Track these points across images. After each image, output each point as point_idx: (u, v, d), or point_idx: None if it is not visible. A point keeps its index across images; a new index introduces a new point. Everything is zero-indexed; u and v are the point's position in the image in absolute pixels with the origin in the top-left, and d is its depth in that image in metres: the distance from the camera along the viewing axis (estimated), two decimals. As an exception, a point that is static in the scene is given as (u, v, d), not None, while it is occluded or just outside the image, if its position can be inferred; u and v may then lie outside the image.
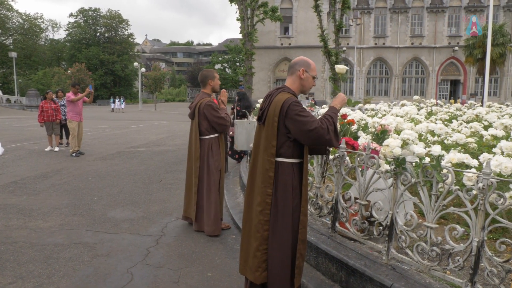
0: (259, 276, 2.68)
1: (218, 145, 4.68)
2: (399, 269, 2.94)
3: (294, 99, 2.62)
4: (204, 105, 4.58)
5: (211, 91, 4.77)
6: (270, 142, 2.64)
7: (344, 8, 28.23)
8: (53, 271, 3.60)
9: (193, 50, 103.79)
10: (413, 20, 44.85)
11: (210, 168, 4.60)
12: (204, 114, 4.57)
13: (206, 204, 4.61)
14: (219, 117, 4.55)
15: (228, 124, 4.69)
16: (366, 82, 46.36)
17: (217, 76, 4.77)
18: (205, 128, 4.62)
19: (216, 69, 66.72)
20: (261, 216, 2.66)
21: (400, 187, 2.98)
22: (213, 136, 4.66)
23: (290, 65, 2.82)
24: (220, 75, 65.67)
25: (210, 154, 4.62)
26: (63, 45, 68.58)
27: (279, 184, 2.64)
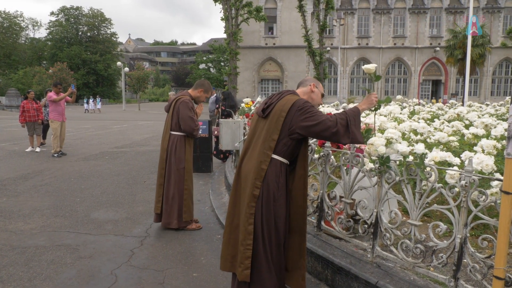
0: (241, 272, 2.61)
1: (182, 144, 4.67)
2: (384, 266, 2.97)
3: (306, 100, 2.68)
4: (181, 102, 4.64)
5: (193, 97, 4.82)
6: (271, 136, 2.62)
7: (328, 9, 28.42)
8: (35, 274, 3.53)
9: (177, 50, 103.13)
10: (395, 21, 45.43)
11: (171, 164, 4.64)
12: (178, 109, 4.61)
13: (165, 198, 4.66)
14: (189, 117, 4.57)
15: (195, 129, 4.68)
16: (350, 82, 46.76)
17: (207, 94, 4.89)
18: (175, 124, 4.67)
19: (200, 68, 66.50)
20: (247, 209, 2.62)
21: (384, 185, 3.01)
22: (179, 134, 4.67)
23: (300, 83, 2.94)
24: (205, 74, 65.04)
25: (173, 151, 4.65)
26: (44, 44, 67.29)
27: (267, 179, 2.62)
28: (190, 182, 4.75)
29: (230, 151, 8.77)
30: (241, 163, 2.81)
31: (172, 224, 4.63)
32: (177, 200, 4.61)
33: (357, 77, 46.96)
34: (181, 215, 4.64)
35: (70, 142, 12.98)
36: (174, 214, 4.62)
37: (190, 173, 4.75)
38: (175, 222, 4.63)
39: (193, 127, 4.62)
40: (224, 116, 9.10)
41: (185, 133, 4.67)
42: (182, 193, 4.64)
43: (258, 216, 2.61)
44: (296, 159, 2.73)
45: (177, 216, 4.62)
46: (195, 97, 4.82)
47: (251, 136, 2.81)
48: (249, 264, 2.60)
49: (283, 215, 2.68)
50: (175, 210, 4.62)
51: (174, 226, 4.64)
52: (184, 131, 4.65)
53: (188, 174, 4.71)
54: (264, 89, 45.36)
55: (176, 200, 4.61)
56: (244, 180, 2.71)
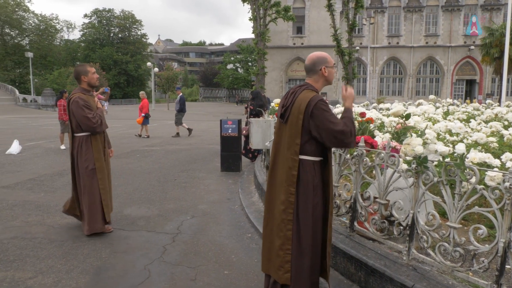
0: (282, 276, 2.64)
1: (89, 144, 4.42)
2: (420, 269, 2.89)
3: (320, 98, 2.60)
4: (72, 102, 4.37)
5: (88, 86, 4.54)
6: (294, 140, 2.61)
7: (357, 7, 28.00)
8: (72, 266, 3.64)
9: (205, 50, 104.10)
10: (427, 19, 44.28)
11: (79, 168, 4.43)
12: (72, 111, 4.38)
13: (86, 205, 4.45)
14: (84, 117, 4.29)
15: (95, 125, 4.36)
16: (380, 82, 45.93)
17: (92, 70, 4.52)
18: (75, 125, 4.42)
19: (228, 69, 66.82)
20: (284, 215, 2.63)
21: (421, 186, 2.93)
22: (83, 134, 4.42)
23: (309, 68, 2.77)
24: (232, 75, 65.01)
25: (79, 153, 4.42)
26: (77, 45, 69.38)
27: (301, 183, 2.62)
28: (105, 181, 4.52)
29: (258, 151, 8.77)
30: (272, 169, 2.81)
31: (98, 229, 4.44)
32: (94, 204, 4.41)
33: (387, 77, 46.08)
34: (97, 219, 4.44)
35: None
36: (91, 219, 4.40)
37: (104, 171, 4.51)
38: (100, 226, 4.46)
39: (92, 125, 4.33)
40: (252, 116, 9.12)
41: (88, 131, 4.41)
42: (99, 194, 4.44)
43: (295, 222, 2.64)
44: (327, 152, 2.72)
45: (94, 221, 4.41)
46: (88, 85, 4.53)
47: (277, 141, 2.80)
48: (289, 268, 2.63)
49: (321, 216, 2.69)
50: (90, 215, 4.40)
51: (99, 231, 4.45)
52: (87, 131, 4.41)
53: (101, 173, 4.47)
54: (291, 89, 45.15)
55: (93, 204, 4.40)
56: (279, 186, 2.71)
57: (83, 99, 4.37)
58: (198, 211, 5.47)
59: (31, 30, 62.92)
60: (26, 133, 16.18)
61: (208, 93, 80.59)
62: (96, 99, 4.65)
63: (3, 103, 42.83)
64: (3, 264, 3.67)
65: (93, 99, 4.57)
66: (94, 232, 4.43)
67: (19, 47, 60.60)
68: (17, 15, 60.62)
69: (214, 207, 5.68)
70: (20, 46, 61.42)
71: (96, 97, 4.72)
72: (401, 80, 45.95)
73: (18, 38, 62.93)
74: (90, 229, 4.41)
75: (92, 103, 4.47)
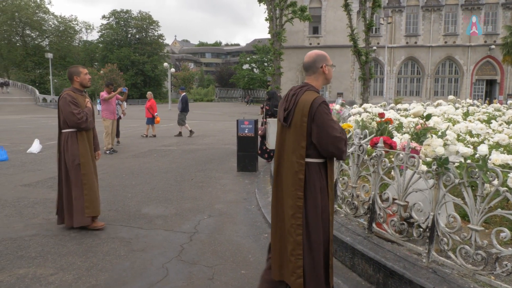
0: (294, 281, 2.60)
1: (75, 140, 4.53)
2: (440, 272, 2.85)
3: (322, 99, 2.58)
4: (61, 98, 4.53)
5: (80, 86, 4.67)
6: (299, 144, 2.58)
7: (374, 7, 27.68)
8: (92, 264, 3.70)
9: (221, 51, 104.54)
10: (446, 18, 43.56)
11: (67, 163, 4.53)
12: (60, 106, 4.53)
13: (66, 199, 4.55)
14: (70, 112, 4.42)
15: (81, 121, 4.47)
16: (397, 82, 45.39)
17: (84, 71, 4.65)
18: (62, 122, 4.55)
19: (244, 69, 66.94)
20: (293, 220, 2.60)
21: (442, 188, 2.89)
22: (70, 130, 4.54)
23: (308, 65, 2.74)
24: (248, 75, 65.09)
25: (66, 149, 4.54)
26: (96, 46, 70.49)
27: (308, 186, 2.59)
28: (90, 177, 4.59)
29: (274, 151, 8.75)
30: (277, 174, 2.78)
31: (74, 223, 4.50)
32: (78, 198, 4.49)
33: (405, 77, 45.51)
34: (83, 212, 4.50)
35: (119, 140, 13.49)
36: (75, 212, 4.48)
37: (89, 167, 4.59)
38: (77, 220, 4.50)
39: (77, 121, 4.44)
40: (268, 116, 9.12)
41: (74, 127, 4.53)
42: (82, 189, 4.52)
43: (305, 226, 2.61)
44: None
45: (80, 214, 4.49)
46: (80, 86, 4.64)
47: (281, 145, 2.76)
48: (301, 273, 2.59)
49: (330, 218, 2.67)
50: (75, 208, 4.48)
51: (76, 225, 4.51)
52: (72, 127, 4.52)
53: (86, 168, 4.55)
54: (307, 89, 44.97)
55: (76, 198, 4.48)
56: (286, 191, 2.68)
57: (71, 96, 4.51)
58: (215, 210, 5.50)
59: (51, 31, 64.24)
60: (46, 132, 16.51)
61: (224, 93, 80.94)
62: (86, 99, 4.72)
63: (23, 103, 43.83)
64: (25, 260, 3.76)
65: (82, 98, 4.66)
66: (82, 225, 4.51)
67: (39, 48, 61.95)
68: (38, 17, 61.97)
69: (231, 207, 5.70)
70: (40, 47, 62.78)
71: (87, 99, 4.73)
72: (419, 80, 45.32)
73: (38, 39, 64.32)
74: (77, 222, 4.48)
75: (80, 101, 4.58)
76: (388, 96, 40.76)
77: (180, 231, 4.63)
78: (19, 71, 60.85)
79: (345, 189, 4.08)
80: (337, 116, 5.64)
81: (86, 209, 4.52)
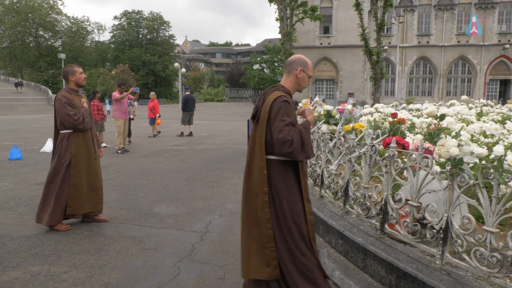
0: (271, 272, 2.65)
1: (69, 142, 4.55)
2: (454, 274, 2.81)
3: (285, 98, 2.64)
4: (56, 100, 4.55)
5: (75, 86, 4.68)
6: (261, 139, 2.67)
7: (386, 6, 27.44)
8: (104, 262, 3.73)
9: (231, 51, 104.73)
10: (459, 17, 43.02)
11: (56, 162, 4.56)
12: (56, 108, 4.55)
13: (44, 194, 4.56)
14: (65, 114, 4.44)
15: (76, 122, 4.48)
16: (409, 82, 44.97)
17: (79, 70, 4.67)
18: (59, 123, 4.57)
19: (254, 69, 66.93)
20: (262, 214, 2.67)
21: (456, 189, 2.85)
22: (66, 131, 4.56)
23: (288, 63, 2.83)
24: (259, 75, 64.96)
25: (60, 149, 4.57)
26: (107, 46, 71.14)
27: (273, 182, 2.66)
28: (78, 177, 4.57)
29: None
30: (247, 170, 2.84)
31: (51, 222, 4.47)
32: (59, 197, 4.48)
33: (417, 77, 45.08)
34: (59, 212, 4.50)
35: (131, 139, 13.60)
36: (51, 210, 4.46)
37: (79, 167, 4.58)
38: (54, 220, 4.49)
39: (73, 122, 4.46)
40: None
41: (70, 129, 4.54)
42: (68, 189, 4.52)
43: (274, 220, 2.67)
44: None
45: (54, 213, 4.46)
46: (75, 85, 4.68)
47: (252, 142, 2.82)
48: (277, 264, 2.66)
49: (300, 211, 2.70)
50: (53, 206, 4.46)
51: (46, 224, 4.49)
52: (69, 128, 4.54)
53: (75, 169, 4.55)
54: (318, 89, 44.87)
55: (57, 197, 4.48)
56: (254, 186, 2.73)
57: (67, 97, 4.53)
58: (225, 210, 5.51)
59: (64, 32, 65.06)
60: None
61: (234, 94, 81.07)
62: (82, 99, 4.73)
63: (37, 103, 44.40)
64: (39, 258, 3.81)
65: (78, 99, 4.68)
66: (51, 224, 4.49)
67: (52, 49, 62.78)
68: (51, 18, 62.83)
69: (242, 207, 5.70)
70: (53, 47, 63.62)
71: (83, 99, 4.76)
72: (431, 80, 44.85)
73: (51, 40, 65.22)
74: (49, 220, 4.46)
75: (76, 102, 4.61)
76: (400, 96, 40.41)
77: (191, 231, 4.65)
78: (33, 72, 61.72)
79: (357, 190, 4.06)
80: (349, 116, 5.61)
81: (69, 207, 4.55)
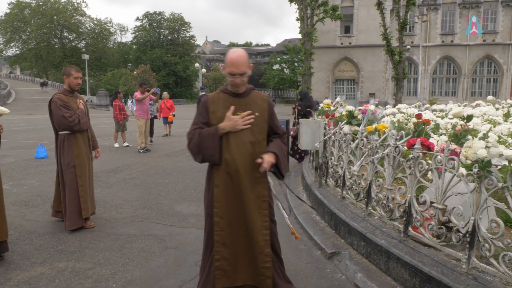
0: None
1: (70, 142, 4.58)
2: (481, 279, 2.74)
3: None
4: (51, 102, 4.55)
5: (68, 87, 4.66)
6: None
7: (409, 5, 26.98)
8: (127, 260, 3.79)
9: (251, 51, 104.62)
10: (485, 15, 41.92)
11: (62, 165, 4.58)
12: (51, 110, 4.56)
13: (63, 201, 4.61)
14: (61, 116, 4.45)
15: (72, 124, 4.50)
16: (432, 82, 44.11)
17: (74, 74, 4.62)
18: (56, 124, 4.58)
19: (274, 69, 66.79)
20: None
21: (483, 191, 2.78)
22: (65, 132, 4.58)
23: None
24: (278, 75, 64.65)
25: (61, 151, 4.58)
26: (129, 47, 72.27)
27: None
28: (84, 178, 4.64)
29: (306, 152, 8.71)
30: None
31: (70, 226, 4.52)
32: (74, 200, 4.54)
33: (440, 77, 44.18)
34: (78, 215, 4.56)
35: (153, 139, 13.78)
36: (69, 216, 4.52)
37: (83, 168, 4.64)
38: (76, 222, 4.55)
39: (69, 124, 4.48)
40: (300, 116, 9.07)
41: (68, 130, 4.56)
42: (77, 191, 4.57)
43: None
44: None
45: (73, 217, 4.53)
46: (68, 87, 4.65)
47: None
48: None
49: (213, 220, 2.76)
50: (70, 212, 4.52)
51: (75, 227, 4.54)
52: (64, 130, 4.56)
53: (81, 170, 4.60)
54: (338, 89, 44.50)
55: (72, 201, 4.53)
56: None
57: (62, 99, 4.54)
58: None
59: (87, 33, 66.49)
60: (83, 131, 17.03)
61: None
62: (79, 101, 4.74)
63: (62, 103, 45.36)
64: (65, 254, 3.90)
65: (74, 100, 4.68)
66: (75, 227, 4.55)
67: (76, 50, 64.27)
68: (75, 20, 64.31)
69: (262, 207, 5.69)
70: (77, 49, 65.09)
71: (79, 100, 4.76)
72: (455, 80, 43.87)
73: (75, 41, 66.76)
74: (71, 224, 4.53)
75: (72, 103, 4.61)
76: (422, 97, 39.67)
77: (212, 230, 4.67)
78: (57, 72, 63.27)
79: (379, 191, 4.00)
80: (372, 117, 5.54)
81: (83, 210, 4.59)
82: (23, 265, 3.65)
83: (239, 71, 2.64)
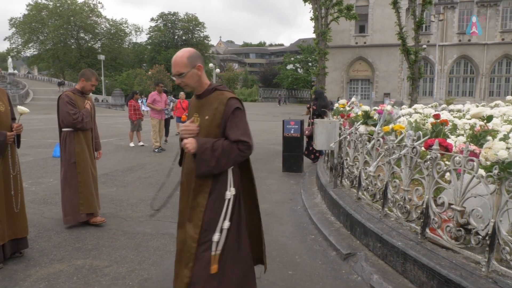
0: None
1: (72, 139, 4.63)
2: (501, 283, 2.69)
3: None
4: (59, 99, 4.64)
5: (81, 88, 4.73)
6: None
7: (425, 4, 26.62)
8: (143, 258, 3.83)
9: (265, 51, 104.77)
10: (504, 13, 41.12)
11: (63, 161, 4.65)
12: (58, 106, 4.63)
13: (61, 196, 4.68)
14: (66, 112, 4.52)
15: (76, 122, 4.56)
16: (448, 81, 43.45)
17: (93, 82, 4.73)
18: (60, 120, 4.66)
19: (288, 69, 66.68)
20: None
21: (504, 193, 2.72)
22: (68, 129, 4.63)
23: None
24: (292, 75, 64.56)
25: (63, 147, 4.65)
26: (144, 48, 72.92)
27: None
28: (86, 174, 4.68)
29: (321, 152, 8.67)
30: None
31: (68, 221, 4.59)
32: (72, 196, 4.58)
33: (457, 77, 43.49)
34: (76, 210, 4.58)
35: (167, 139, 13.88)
36: (69, 210, 4.58)
37: (84, 165, 4.68)
38: (73, 218, 4.60)
39: (72, 121, 4.54)
40: (315, 116, 9.03)
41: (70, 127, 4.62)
42: (77, 187, 4.60)
43: None
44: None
45: (73, 211, 4.58)
46: (81, 89, 4.74)
47: None
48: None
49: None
50: (70, 206, 4.58)
51: (72, 222, 4.61)
52: (67, 127, 4.61)
53: (81, 166, 4.64)
54: (352, 89, 44.18)
55: (71, 197, 4.57)
56: None
57: (69, 97, 4.62)
58: (261, 210, 5.43)
59: (103, 34, 67.30)
60: (99, 131, 17.23)
61: (268, 94, 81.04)
62: (86, 101, 4.80)
63: (78, 103, 46.03)
64: (83, 252, 3.96)
65: (82, 100, 4.75)
66: (73, 223, 4.62)
67: (92, 50, 65.10)
68: (91, 21, 65.15)
69: (277, 207, 5.70)
70: (93, 49, 65.94)
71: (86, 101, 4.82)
72: (473, 80, 43.13)
73: (91, 42, 67.63)
74: (69, 220, 4.60)
75: (79, 102, 4.68)
76: (439, 97, 39.11)
77: (227, 230, 4.68)
78: (74, 72, 64.17)
79: (396, 192, 3.96)
80: (388, 117, 5.48)
81: (81, 206, 4.62)
82: (42, 262, 3.72)
83: (175, 71, 2.59)
